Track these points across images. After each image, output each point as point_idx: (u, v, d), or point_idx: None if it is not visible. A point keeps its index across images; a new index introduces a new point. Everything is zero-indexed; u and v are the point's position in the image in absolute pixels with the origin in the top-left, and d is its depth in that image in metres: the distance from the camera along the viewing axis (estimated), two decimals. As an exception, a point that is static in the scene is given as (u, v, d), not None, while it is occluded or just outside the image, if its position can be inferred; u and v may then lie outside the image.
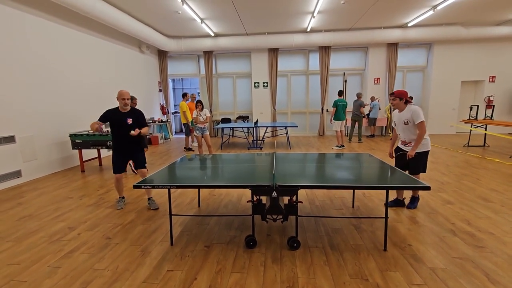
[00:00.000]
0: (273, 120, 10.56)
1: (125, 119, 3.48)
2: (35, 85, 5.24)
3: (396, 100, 3.27)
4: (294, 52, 10.39)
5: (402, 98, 3.25)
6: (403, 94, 3.25)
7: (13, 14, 4.84)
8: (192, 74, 11.01)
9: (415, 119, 3.14)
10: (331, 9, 7.17)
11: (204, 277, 2.17)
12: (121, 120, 3.46)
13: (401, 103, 3.27)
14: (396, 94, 3.26)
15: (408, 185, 2.30)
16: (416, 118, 3.14)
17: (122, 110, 3.50)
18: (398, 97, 3.25)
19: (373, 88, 10.13)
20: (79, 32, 6.37)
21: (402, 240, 2.66)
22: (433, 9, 7.25)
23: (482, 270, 2.18)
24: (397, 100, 3.26)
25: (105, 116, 3.48)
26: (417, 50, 10.11)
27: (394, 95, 3.27)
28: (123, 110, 3.50)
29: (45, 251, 2.61)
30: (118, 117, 3.47)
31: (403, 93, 3.26)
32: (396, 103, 3.29)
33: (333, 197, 3.89)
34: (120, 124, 3.47)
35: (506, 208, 3.36)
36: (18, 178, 4.92)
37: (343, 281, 2.08)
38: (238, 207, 3.62)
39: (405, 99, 3.25)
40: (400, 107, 3.30)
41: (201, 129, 6.05)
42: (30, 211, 3.62)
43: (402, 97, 3.25)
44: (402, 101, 3.26)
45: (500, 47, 9.65)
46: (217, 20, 7.90)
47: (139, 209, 3.61)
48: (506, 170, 5.05)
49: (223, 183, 2.50)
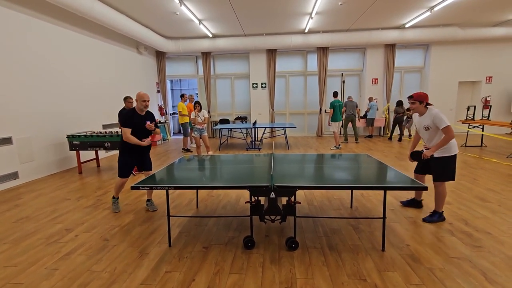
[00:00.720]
0: (271, 121, 10.57)
1: (144, 122, 3.35)
2: (32, 86, 5.22)
3: (416, 104, 2.99)
4: (292, 53, 10.41)
5: (422, 102, 2.98)
6: (422, 97, 2.97)
7: (12, 15, 4.82)
8: (190, 75, 11.00)
9: (439, 124, 2.87)
10: (329, 10, 7.20)
11: (202, 278, 2.16)
12: (140, 123, 3.33)
13: (421, 107, 3.00)
14: (415, 97, 2.99)
15: (406, 185, 2.30)
16: (439, 123, 2.86)
17: (140, 112, 3.35)
18: (417, 100, 2.98)
19: (371, 89, 10.17)
20: (77, 33, 6.35)
21: (400, 240, 2.67)
22: (430, 10, 7.29)
23: (480, 269, 2.19)
24: (416, 103, 2.99)
25: (129, 120, 3.27)
26: (414, 51, 10.16)
27: (413, 98, 3.00)
28: (141, 112, 3.36)
29: (42, 253, 2.60)
30: (138, 120, 3.32)
31: (423, 96, 2.98)
32: (416, 107, 3.01)
33: (332, 198, 3.89)
34: (140, 128, 3.34)
35: (503, 208, 3.38)
36: (15, 179, 4.89)
37: (341, 281, 2.08)
38: (237, 208, 3.62)
39: (425, 103, 2.98)
40: (420, 111, 3.03)
41: (199, 130, 6.04)
42: (27, 213, 3.60)
43: (422, 100, 2.97)
44: (422, 105, 2.99)
45: (496, 48, 9.72)
46: (215, 21, 7.91)
47: (137, 211, 3.60)
48: (504, 170, 5.07)
49: (221, 184, 2.50)
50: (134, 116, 3.32)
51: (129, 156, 3.41)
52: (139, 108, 3.33)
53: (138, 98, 3.29)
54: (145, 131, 3.40)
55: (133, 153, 3.42)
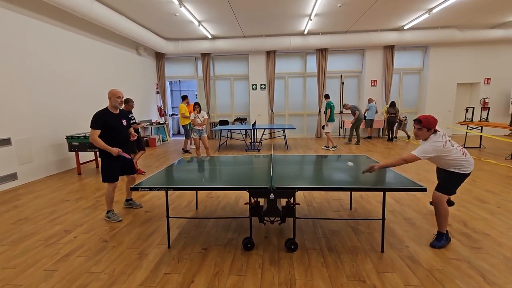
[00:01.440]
0: (270, 122, 10.58)
1: (120, 121, 3.20)
2: (31, 87, 5.22)
3: (422, 131, 2.55)
4: (291, 55, 10.44)
5: (430, 129, 2.54)
6: (431, 124, 2.52)
7: (11, 16, 4.82)
8: (189, 76, 11.01)
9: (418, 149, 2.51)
10: (328, 12, 7.22)
11: (201, 280, 2.16)
12: (117, 123, 3.16)
13: (428, 133, 2.57)
14: (424, 123, 2.52)
15: (405, 187, 2.31)
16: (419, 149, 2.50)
17: (114, 111, 3.16)
18: (425, 127, 2.53)
19: (370, 90, 10.19)
20: (76, 34, 6.35)
21: (399, 242, 2.67)
22: (428, 12, 7.32)
23: (479, 271, 2.19)
24: (423, 130, 2.55)
25: (102, 121, 3.05)
26: (413, 52, 10.20)
27: (421, 123, 2.53)
28: (115, 111, 3.17)
29: (41, 255, 2.59)
30: (113, 120, 3.13)
31: (432, 123, 2.52)
32: (422, 134, 2.57)
33: (331, 199, 3.89)
34: (118, 128, 3.16)
35: (502, 209, 3.39)
36: (14, 180, 4.88)
37: (341, 282, 2.08)
38: (236, 209, 3.61)
39: (433, 130, 2.56)
40: (424, 137, 2.59)
41: (198, 131, 6.04)
42: (26, 214, 3.59)
43: (430, 127, 2.53)
44: (429, 132, 2.56)
45: (495, 49, 9.77)
46: (214, 22, 7.92)
47: (136, 212, 3.59)
48: (502, 172, 5.09)
49: (220, 185, 2.50)
50: (108, 116, 3.10)
51: (114, 160, 3.18)
52: (113, 106, 3.13)
53: (112, 94, 3.09)
54: (123, 131, 3.24)
55: (116, 157, 3.17)
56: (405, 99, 10.52)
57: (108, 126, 3.10)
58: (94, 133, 3.04)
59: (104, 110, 3.16)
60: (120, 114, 3.25)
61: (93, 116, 3.05)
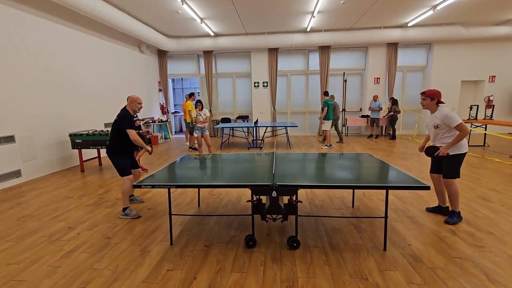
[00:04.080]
0: (273, 120, 10.55)
1: (135, 122, 3.64)
2: (35, 84, 5.24)
3: (427, 100, 2.91)
4: (294, 52, 10.38)
5: (434, 99, 2.89)
6: (434, 94, 2.89)
7: (14, 14, 4.83)
8: (192, 74, 11.00)
9: (450, 123, 2.82)
10: (331, 9, 7.17)
11: (203, 277, 2.16)
12: (134, 124, 3.48)
13: (432, 104, 2.91)
14: (427, 93, 2.90)
15: (408, 184, 2.30)
16: (450, 122, 2.81)
17: (132, 113, 3.46)
18: (429, 96, 2.89)
19: (372, 88, 10.13)
20: (79, 32, 6.36)
21: (402, 240, 2.66)
22: (433, 9, 7.25)
23: (482, 269, 2.18)
24: (427, 100, 2.90)
25: (133, 122, 3.38)
26: (417, 50, 10.11)
27: (425, 94, 2.92)
28: (132, 113, 3.47)
29: (45, 251, 2.61)
30: (134, 121, 3.47)
31: (435, 93, 2.89)
32: (426, 104, 2.93)
33: (333, 197, 3.89)
34: (136, 128, 3.54)
35: (505, 208, 3.37)
36: (17, 177, 4.92)
37: (343, 280, 2.08)
38: (238, 206, 3.62)
39: (436, 100, 2.89)
40: (431, 108, 2.95)
41: (200, 129, 6.05)
42: (29, 211, 3.62)
43: (434, 97, 2.88)
44: (433, 102, 2.90)
45: (499, 47, 9.65)
46: (217, 20, 7.90)
47: (139, 209, 3.61)
48: (506, 170, 5.05)
49: (223, 182, 2.50)
50: (132, 117, 3.41)
51: (128, 157, 3.46)
52: (133, 110, 3.41)
53: (134, 101, 3.38)
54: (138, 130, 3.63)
55: (131, 154, 3.51)
56: (408, 97, 10.44)
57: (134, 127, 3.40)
58: (133, 133, 3.30)
59: (128, 112, 3.38)
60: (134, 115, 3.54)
61: (126, 117, 3.30)
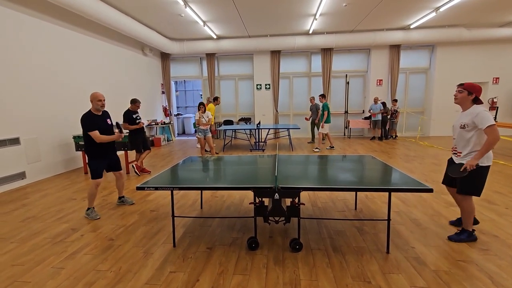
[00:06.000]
0: (275, 122, 10.57)
1: (105, 121, 3.42)
2: (39, 87, 5.29)
3: (463, 94, 2.46)
4: (296, 54, 10.41)
5: (472, 93, 2.44)
6: (474, 88, 2.44)
7: (18, 17, 4.90)
8: (194, 76, 11.06)
9: (481, 122, 2.35)
10: (333, 11, 7.19)
11: (206, 279, 2.17)
12: (103, 123, 3.37)
13: (468, 99, 2.47)
14: (466, 86, 2.46)
15: (411, 187, 2.29)
16: (481, 121, 2.34)
17: (98, 112, 3.35)
18: (467, 89, 2.44)
19: (375, 90, 10.11)
20: (83, 35, 6.43)
21: (405, 243, 2.65)
22: (435, 11, 7.24)
23: (486, 273, 2.16)
24: (464, 93, 2.46)
25: (94, 123, 3.26)
26: (419, 52, 10.09)
27: (463, 86, 2.48)
28: (98, 112, 3.36)
29: (49, 252, 2.63)
30: (99, 121, 3.33)
31: (475, 88, 2.44)
32: (461, 97, 2.48)
33: (336, 199, 3.88)
34: (104, 128, 3.36)
35: (510, 211, 3.34)
36: (22, 179, 4.96)
37: (346, 283, 2.07)
38: (241, 209, 3.62)
39: (474, 96, 2.45)
40: (465, 104, 2.49)
41: (203, 131, 6.07)
42: (34, 213, 3.65)
43: (473, 91, 2.44)
44: (470, 97, 2.46)
45: (503, 48, 9.61)
46: (219, 22, 7.94)
47: (142, 211, 3.62)
48: (511, 172, 5.01)
49: (225, 185, 2.51)
50: (96, 117, 3.31)
51: (100, 159, 3.43)
52: (96, 109, 3.32)
53: (94, 98, 3.27)
54: (108, 130, 3.44)
55: (103, 155, 3.45)
56: (411, 99, 10.41)
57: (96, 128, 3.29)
58: (95, 134, 3.26)
59: (88, 113, 3.32)
60: (103, 115, 3.44)
61: (84, 120, 3.23)
